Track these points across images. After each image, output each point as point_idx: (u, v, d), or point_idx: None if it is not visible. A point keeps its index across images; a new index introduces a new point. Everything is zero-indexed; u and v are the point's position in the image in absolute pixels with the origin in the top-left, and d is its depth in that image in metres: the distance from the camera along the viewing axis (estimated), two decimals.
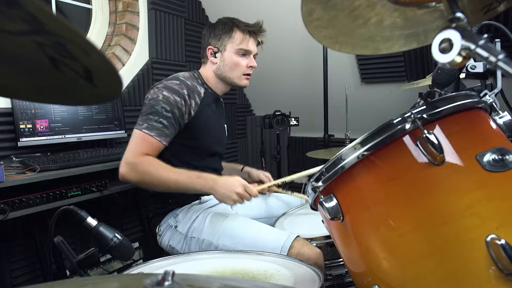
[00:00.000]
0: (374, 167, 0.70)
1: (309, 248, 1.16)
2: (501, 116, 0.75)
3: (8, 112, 1.77)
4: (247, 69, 1.53)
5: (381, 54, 0.83)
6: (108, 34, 2.51)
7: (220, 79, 1.55)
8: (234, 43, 1.50)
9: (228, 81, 1.55)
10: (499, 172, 0.64)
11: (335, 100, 2.61)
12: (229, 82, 1.55)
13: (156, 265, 1.03)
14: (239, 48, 1.50)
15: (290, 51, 2.91)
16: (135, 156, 1.32)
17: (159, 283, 0.33)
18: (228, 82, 1.56)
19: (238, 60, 1.51)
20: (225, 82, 1.56)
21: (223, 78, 1.55)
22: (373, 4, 0.76)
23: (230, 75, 1.53)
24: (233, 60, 1.51)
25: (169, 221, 1.44)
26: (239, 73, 1.53)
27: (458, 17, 0.57)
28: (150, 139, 1.34)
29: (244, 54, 1.52)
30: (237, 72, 1.52)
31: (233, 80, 1.54)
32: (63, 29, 0.34)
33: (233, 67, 1.52)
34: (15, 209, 1.45)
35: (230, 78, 1.54)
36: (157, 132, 1.35)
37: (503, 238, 0.59)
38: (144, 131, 1.35)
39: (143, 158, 1.32)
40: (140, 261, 2.15)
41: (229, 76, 1.53)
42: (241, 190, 1.27)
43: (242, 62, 1.51)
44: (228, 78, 1.54)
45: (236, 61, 1.51)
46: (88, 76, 0.42)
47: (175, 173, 1.32)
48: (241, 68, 1.52)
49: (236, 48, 1.50)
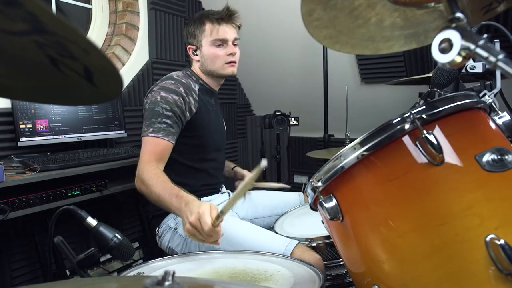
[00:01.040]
0: (373, 167, 0.70)
1: (309, 254, 1.16)
2: (500, 117, 0.75)
3: (8, 112, 1.78)
4: (228, 57, 1.51)
5: (381, 54, 0.83)
6: (108, 34, 2.51)
7: (207, 74, 1.56)
8: (207, 36, 1.50)
9: (214, 74, 1.55)
10: (498, 172, 0.64)
11: (335, 100, 2.61)
12: (215, 75, 1.55)
13: (156, 265, 1.03)
14: (213, 40, 1.50)
15: (290, 51, 2.91)
16: (141, 163, 1.31)
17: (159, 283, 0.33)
18: (215, 75, 1.56)
19: (216, 51, 1.50)
20: (212, 76, 1.56)
21: (209, 73, 1.55)
22: (373, 4, 0.76)
23: (213, 68, 1.53)
24: (211, 52, 1.51)
25: (168, 223, 1.44)
26: (221, 64, 1.51)
27: (458, 17, 0.57)
28: (158, 141, 1.34)
29: (221, 44, 1.51)
30: (219, 63, 1.51)
31: (218, 72, 1.53)
32: (63, 29, 0.34)
33: (213, 59, 1.51)
34: (15, 209, 1.45)
35: (214, 71, 1.53)
36: (164, 132, 1.35)
37: (503, 238, 0.59)
38: (151, 135, 1.34)
39: (148, 166, 1.29)
40: (140, 261, 2.15)
41: (213, 69, 1.53)
42: (193, 219, 1.02)
43: (220, 52, 1.50)
44: (213, 72, 1.54)
45: (214, 52, 1.50)
46: (88, 76, 0.42)
47: (162, 189, 1.21)
48: (221, 58, 1.51)
49: (210, 40, 1.50)
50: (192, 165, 1.51)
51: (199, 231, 1.01)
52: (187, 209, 1.08)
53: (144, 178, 1.26)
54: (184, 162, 1.49)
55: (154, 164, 1.30)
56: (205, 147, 1.53)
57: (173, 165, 1.41)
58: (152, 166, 1.29)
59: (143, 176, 1.27)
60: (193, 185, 1.50)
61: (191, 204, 1.08)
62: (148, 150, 1.34)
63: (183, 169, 1.48)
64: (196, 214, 1.01)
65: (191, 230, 1.03)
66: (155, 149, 1.34)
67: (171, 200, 1.17)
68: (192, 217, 1.02)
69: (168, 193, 1.19)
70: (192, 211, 1.04)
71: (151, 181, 1.24)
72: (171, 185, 1.22)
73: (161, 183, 1.23)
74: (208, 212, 1.00)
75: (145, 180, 1.25)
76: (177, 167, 1.45)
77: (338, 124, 2.63)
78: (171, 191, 1.19)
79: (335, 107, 2.63)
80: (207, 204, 1.04)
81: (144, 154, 1.33)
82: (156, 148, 1.34)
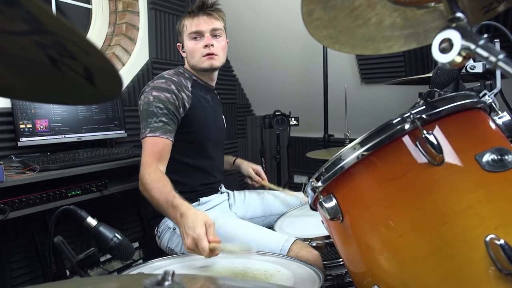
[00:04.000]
0: (373, 167, 0.70)
1: (307, 251, 1.16)
2: (500, 117, 0.75)
3: (8, 112, 1.77)
4: (204, 49, 1.49)
5: (381, 54, 0.83)
6: (108, 34, 2.51)
7: (195, 70, 1.56)
8: (185, 31, 1.51)
9: (196, 69, 1.55)
10: (498, 172, 0.64)
11: (335, 100, 2.61)
12: (197, 69, 1.54)
13: (156, 265, 1.03)
14: (189, 33, 1.50)
15: (290, 51, 2.91)
16: (142, 166, 1.30)
17: (159, 283, 0.33)
18: (197, 69, 1.55)
19: (192, 44, 1.50)
20: (198, 71, 1.56)
21: (193, 68, 1.55)
22: (373, 4, 0.76)
23: (193, 62, 1.53)
24: (189, 47, 1.51)
25: (167, 223, 1.43)
26: (198, 56, 1.50)
27: (458, 17, 0.57)
28: (157, 140, 1.34)
29: (196, 37, 1.50)
30: (196, 57, 1.51)
31: (197, 66, 1.52)
32: (63, 29, 0.34)
33: (192, 53, 1.51)
34: (15, 209, 1.45)
35: (195, 65, 1.53)
36: (161, 131, 1.35)
37: (502, 238, 0.59)
38: (149, 135, 1.34)
39: (148, 170, 1.28)
40: (140, 261, 2.15)
41: (193, 63, 1.53)
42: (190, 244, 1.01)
43: (196, 46, 1.50)
44: (194, 66, 1.54)
45: (191, 46, 1.51)
46: (88, 76, 0.42)
47: (160, 195, 1.20)
48: (198, 50, 1.50)
49: (187, 34, 1.51)
50: (188, 162, 1.50)
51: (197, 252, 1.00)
52: (182, 222, 1.06)
53: (145, 182, 1.25)
54: (181, 160, 1.48)
55: (155, 165, 1.30)
56: (202, 143, 1.53)
57: (170, 163, 1.40)
58: (153, 169, 1.28)
59: (144, 180, 1.26)
60: (192, 184, 1.50)
61: (185, 218, 1.06)
62: (148, 151, 1.33)
63: (180, 166, 1.48)
64: (192, 239, 1.00)
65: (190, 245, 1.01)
66: (155, 149, 1.33)
67: (168, 209, 1.16)
68: (189, 241, 1.01)
69: (165, 200, 1.17)
70: (187, 231, 1.02)
71: (151, 185, 1.23)
72: (169, 189, 1.20)
73: (160, 188, 1.21)
74: (203, 236, 0.98)
75: (146, 184, 1.24)
76: (174, 165, 1.44)
77: (338, 124, 2.63)
78: (168, 198, 1.17)
79: (335, 107, 2.63)
80: (201, 222, 1.01)
81: (144, 156, 1.33)
82: (155, 148, 1.33)
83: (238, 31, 2.73)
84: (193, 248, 1.00)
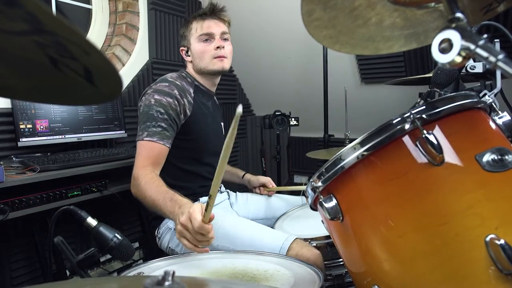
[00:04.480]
0: (373, 167, 0.70)
1: (307, 249, 1.16)
2: (501, 116, 0.75)
3: (8, 112, 1.77)
4: (216, 51, 1.49)
5: (381, 54, 0.83)
6: (108, 34, 2.51)
7: (201, 73, 1.55)
8: (194, 34, 1.51)
9: (205, 72, 1.53)
10: (498, 172, 0.64)
11: (335, 100, 2.61)
12: (206, 72, 1.53)
13: (156, 266, 1.03)
14: (198, 36, 1.50)
15: (290, 51, 2.91)
16: (137, 168, 1.29)
17: (159, 283, 0.33)
18: (206, 73, 1.54)
19: (203, 46, 1.50)
20: (205, 74, 1.55)
21: (200, 71, 1.54)
22: (373, 4, 0.76)
23: (202, 64, 1.51)
24: (198, 49, 1.50)
25: (168, 224, 1.43)
26: (209, 59, 1.50)
27: (458, 17, 0.57)
28: (153, 145, 1.32)
29: (207, 39, 1.50)
30: (207, 58, 1.50)
31: (207, 68, 1.52)
32: (63, 29, 0.34)
33: (201, 55, 1.50)
34: (15, 209, 1.45)
35: (204, 67, 1.52)
36: (159, 136, 1.33)
37: (503, 238, 0.59)
38: (146, 139, 1.33)
39: (142, 171, 1.27)
40: (140, 261, 2.15)
41: (202, 66, 1.52)
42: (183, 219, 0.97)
43: (207, 47, 1.49)
44: (203, 69, 1.52)
45: (201, 48, 1.50)
46: (88, 76, 0.42)
47: (156, 193, 1.18)
48: (208, 52, 1.49)
49: (196, 36, 1.50)
50: (187, 169, 1.49)
51: (189, 231, 0.96)
52: (180, 211, 1.05)
53: (139, 183, 1.23)
54: (179, 166, 1.47)
55: (149, 168, 1.28)
56: (201, 150, 1.51)
57: (168, 169, 1.39)
58: (147, 171, 1.27)
59: (138, 181, 1.24)
60: (191, 187, 1.49)
61: (184, 206, 1.06)
62: (143, 154, 1.32)
63: (178, 172, 1.47)
64: (187, 214, 0.97)
65: (181, 230, 0.98)
66: (150, 154, 1.32)
67: (166, 204, 1.14)
68: (183, 217, 0.98)
69: (162, 197, 1.16)
70: (183, 212, 1.01)
71: (145, 185, 1.22)
72: (166, 189, 1.19)
73: (155, 187, 1.20)
74: (198, 210, 0.96)
75: (140, 185, 1.23)
76: (172, 171, 1.44)
77: (338, 124, 2.63)
78: (166, 195, 1.16)
79: (335, 107, 2.63)
80: (199, 204, 1.00)
81: (139, 159, 1.31)
82: (151, 153, 1.32)
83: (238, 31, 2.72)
84: (186, 223, 0.96)
